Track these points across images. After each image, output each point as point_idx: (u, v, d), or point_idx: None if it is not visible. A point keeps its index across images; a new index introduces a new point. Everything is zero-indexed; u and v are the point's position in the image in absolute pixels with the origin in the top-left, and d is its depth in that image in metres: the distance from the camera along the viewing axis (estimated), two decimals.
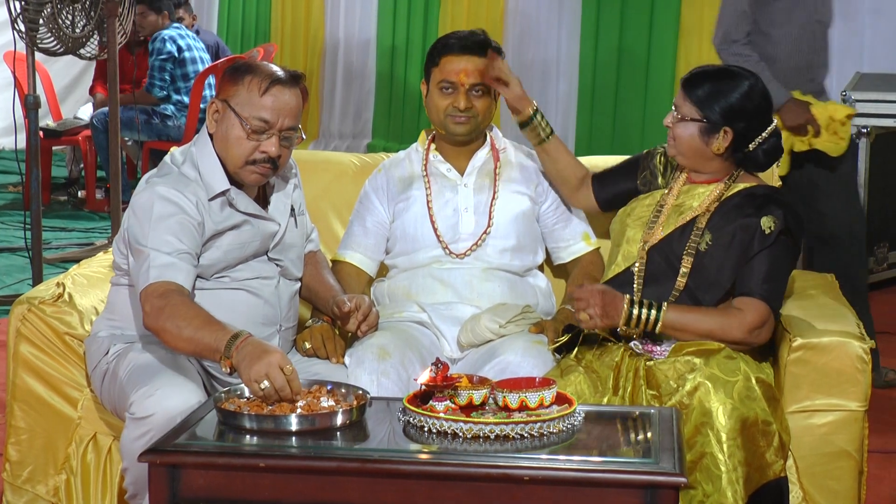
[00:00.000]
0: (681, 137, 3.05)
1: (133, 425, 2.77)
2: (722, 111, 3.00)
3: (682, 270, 3.01)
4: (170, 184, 2.93)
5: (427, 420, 2.48)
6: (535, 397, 2.51)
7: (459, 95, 3.29)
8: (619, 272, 3.10)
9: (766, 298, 2.94)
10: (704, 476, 2.72)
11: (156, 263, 2.82)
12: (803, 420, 2.90)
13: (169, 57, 7.54)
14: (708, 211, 3.04)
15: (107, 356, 3.00)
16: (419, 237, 3.36)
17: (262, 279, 3.06)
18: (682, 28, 7.71)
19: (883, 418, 4.15)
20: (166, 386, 2.78)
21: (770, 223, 2.96)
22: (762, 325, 2.93)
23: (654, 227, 3.09)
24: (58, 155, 8.94)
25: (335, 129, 9.95)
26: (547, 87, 8.52)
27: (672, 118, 3.07)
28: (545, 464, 2.35)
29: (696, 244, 3.00)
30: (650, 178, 3.21)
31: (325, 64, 10.01)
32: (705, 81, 3.03)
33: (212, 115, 3.01)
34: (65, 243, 6.96)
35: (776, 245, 2.96)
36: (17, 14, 4.88)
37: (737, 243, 2.97)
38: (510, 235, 3.35)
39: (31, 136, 5.21)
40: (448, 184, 3.39)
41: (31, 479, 3.11)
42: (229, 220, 2.99)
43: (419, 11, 9.25)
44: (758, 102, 3.03)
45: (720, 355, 2.85)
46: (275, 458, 2.40)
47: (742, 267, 2.96)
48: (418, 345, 3.17)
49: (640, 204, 3.17)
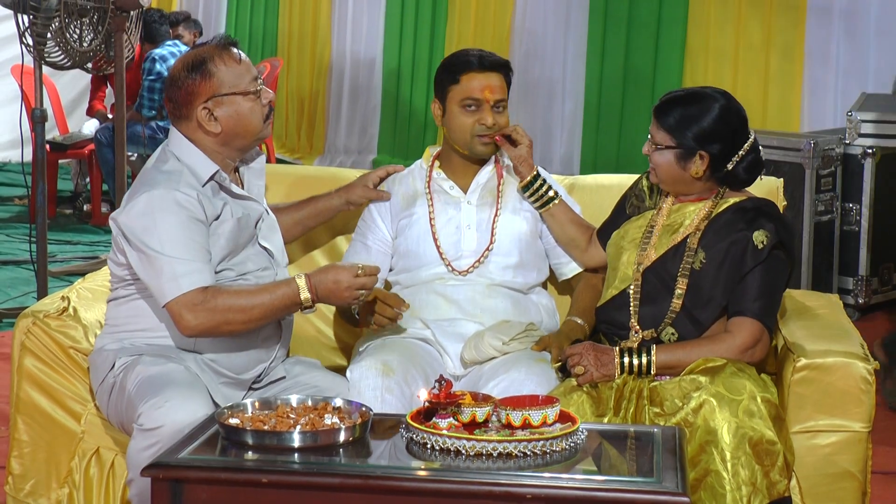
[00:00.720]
0: (659, 165, 3.06)
1: (141, 436, 2.78)
2: (694, 136, 3.00)
3: (678, 292, 3.01)
4: (161, 185, 2.94)
5: (430, 437, 2.48)
6: (539, 415, 2.51)
7: (485, 112, 3.30)
8: (616, 294, 3.10)
9: (758, 316, 2.95)
10: (709, 494, 2.72)
11: (179, 272, 2.87)
12: (807, 440, 2.90)
13: (158, 77, 7.56)
14: (699, 230, 3.04)
15: (113, 370, 2.99)
16: (421, 254, 3.36)
17: (261, 271, 3.07)
18: (687, 48, 7.71)
19: (886, 439, 4.14)
20: (176, 398, 2.78)
21: (762, 238, 2.96)
22: (755, 345, 2.95)
23: (646, 248, 3.09)
24: (63, 168, 8.96)
25: (341, 145, 9.96)
26: (552, 106, 8.53)
27: (649, 147, 3.07)
28: (548, 482, 2.35)
29: (690, 264, 3.01)
30: (637, 203, 3.22)
31: (332, 79, 10.03)
32: (676, 108, 3.02)
33: (208, 121, 3.02)
34: (70, 257, 6.97)
35: (769, 260, 2.97)
36: (25, 28, 4.89)
37: (730, 260, 2.98)
38: (513, 253, 3.35)
39: (38, 150, 5.22)
40: (451, 201, 3.39)
41: (33, 493, 3.11)
42: (224, 205, 3.02)
43: (425, 28, 9.26)
44: (730, 122, 3.02)
45: (726, 374, 2.85)
46: (277, 473, 2.40)
47: (736, 283, 2.97)
48: (422, 362, 3.17)
49: (633, 226, 3.18)
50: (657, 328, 3.01)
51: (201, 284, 2.87)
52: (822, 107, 7.12)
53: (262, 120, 3.07)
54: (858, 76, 6.96)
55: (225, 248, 3.00)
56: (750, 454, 2.73)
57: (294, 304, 2.94)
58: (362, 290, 2.96)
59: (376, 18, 9.65)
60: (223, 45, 3.05)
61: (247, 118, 3.03)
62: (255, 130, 3.06)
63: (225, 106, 3.02)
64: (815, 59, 7.15)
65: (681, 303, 3.00)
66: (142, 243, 2.90)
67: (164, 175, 2.97)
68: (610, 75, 8.09)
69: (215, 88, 3.01)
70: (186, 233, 2.90)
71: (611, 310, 3.09)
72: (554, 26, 8.50)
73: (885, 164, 5.73)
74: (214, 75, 3.01)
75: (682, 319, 3.00)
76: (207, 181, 3.00)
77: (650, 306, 3.04)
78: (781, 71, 7.26)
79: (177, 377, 2.88)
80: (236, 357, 3.03)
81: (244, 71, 3.04)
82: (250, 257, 3.06)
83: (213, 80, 3.01)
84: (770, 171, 5.31)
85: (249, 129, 3.05)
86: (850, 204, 5.75)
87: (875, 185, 5.71)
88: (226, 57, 3.03)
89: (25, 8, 4.86)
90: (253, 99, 3.03)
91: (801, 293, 3.58)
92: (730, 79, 7.46)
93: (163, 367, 2.92)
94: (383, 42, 9.61)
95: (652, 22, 7.85)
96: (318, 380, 3.14)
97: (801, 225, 5.63)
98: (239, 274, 3.03)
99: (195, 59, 3.03)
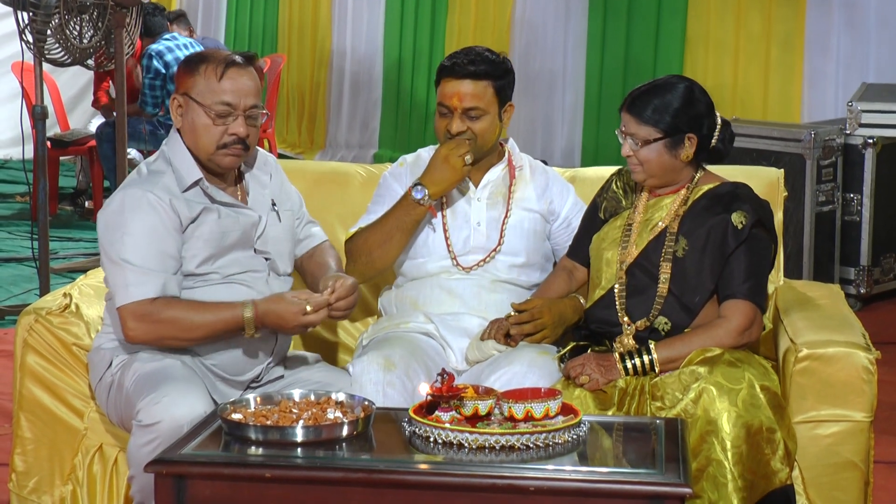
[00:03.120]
0: (649, 160, 3.05)
1: (140, 433, 2.78)
2: (679, 121, 3.02)
3: (663, 277, 3.02)
4: (138, 185, 2.97)
5: (433, 430, 2.48)
6: (541, 408, 2.51)
7: (453, 119, 3.28)
8: (604, 294, 3.11)
9: (749, 297, 2.97)
10: (710, 484, 2.73)
11: (131, 281, 2.89)
12: (809, 431, 2.90)
13: (157, 74, 7.57)
14: (677, 216, 3.06)
15: (111, 368, 3.00)
16: (429, 246, 3.35)
17: (252, 272, 3.07)
18: (688, 38, 7.70)
19: (888, 429, 4.14)
20: (173, 393, 2.79)
21: (741, 218, 2.99)
22: (750, 326, 2.97)
23: (627, 245, 3.10)
24: (65, 165, 8.96)
25: (342, 140, 9.96)
26: (553, 98, 8.52)
27: (629, 147, 3.07)
28: (551, 474, 2.35)
29: (673, 250, 3.02)
30: (614, 205, 3.22)
31: (332, 74, 10.03)
32: (647, 101, 3.04)
33: (176, 111, 3.05)
34: (72, 253, 6.97)
35: (750, 239, 2.99)
36: (25, 25, 4.89)
37: (712, 243, 3.00)
38: (520, 253, 3.35)
39: (39, 147, 5.22)
40: (461, 196, 3.38)
41: (36, 490, 3.12)
42: (205, 210, 3.01)
43: (426, 22, 9.25)
44: (701, 99, 3.07)
45: (724, 363, 2.85)
46: (280, 468, 2.40)
47: (721, 266, 2.99)
48: (423, 356, 3.17)
49: (612, 226, 3.19)
50: (649, 317, 3.02)
51: (150, 295, 2.89)
52: (822, 97, 7.11)
53: (215, 145, 3.00)
54: (859, 66, 6.95)
55: (204, 250, 3.00)
56: (750, 443, 2.74)
57: (238, 328, 2.94)
58: (309, 326, 3.00)
59: (377, 12, 9.64)
60: (227, 61, 3.02)
61: (199, 132, 3.00)
62: (204, 149, 3.01)
63: (188, 109, 3.02)
64: (815, 49, 7.13)
65: (667, 287, 3.01)
66: (108, 244, 2.94)
67: (146, 174, 3.01)
68: (610, 66, 8.09)
69: (189, 87, 3.02)
70: (150, 239, 2.92)
71: (600, 309, 3.10)
72: (554, 18, 8.49)
73: (886, 154, 5.73)
74: (195, 77, 3.01)
75: (673, 307, 3.01)
76: (190, 187, 3.00)
77: (638, 297, 3.05)
78: (782, 61, 7.25)
79: (174, 373, 2.89)
80: (232, 358, 3.03)
81: (222, 92, 2.98)
82: (238, 260, 3.06)
83: (191, 79, 3.02)
84: (771, 162, 5.34)
85: (200, 144, 3.01)
86: (850, 194, 5.75)
87: (876, 175, 5.71)
88: (217, 69, 3.00)
89: (25, 5, 4.86)
90: (212, 119, 2.99)
91: (802, 284, 3.58)
92: (730, 69, 7.46)
93: (160, 363, 2.93)
94: (384, 36, 9.60)
95: (652, 12, 7.84)
96: (320, 375, 3.15)
97: (803, 215, 5.64)
98: (224, 276, 3.03)
99: (200, 54, 3.07)
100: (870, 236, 5.74)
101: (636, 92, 3.08)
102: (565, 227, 3.42)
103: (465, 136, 3.27)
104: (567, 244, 3.38)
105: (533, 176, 3.44)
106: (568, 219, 3.42)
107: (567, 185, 3.49)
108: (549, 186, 3.44)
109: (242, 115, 3.01)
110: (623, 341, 3.03)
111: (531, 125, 8.63)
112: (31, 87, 5.49)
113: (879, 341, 3.25)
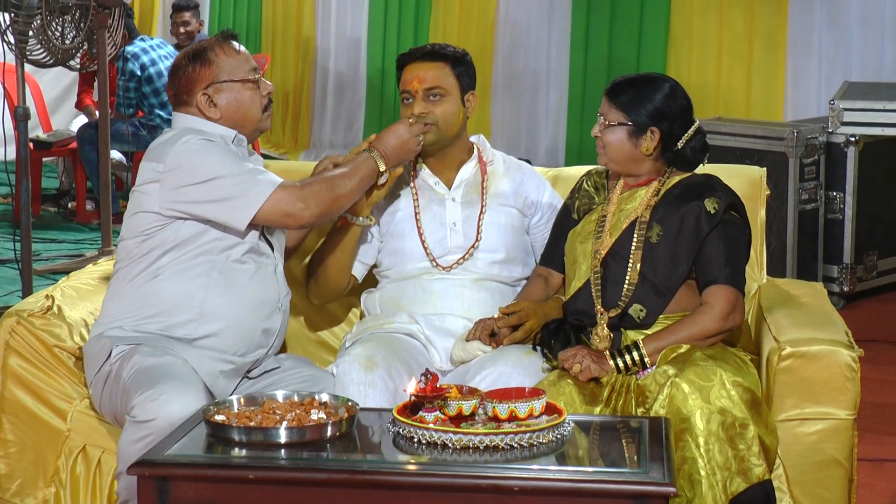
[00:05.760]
0: (611, 143, 3.12)
1: (133, 428, 2.77)
2: (647, 113, 3.09)
3: (631, 262, 3.05)
4: (195, 133, 3.05)
5: (416, 431, 2.48)
6: (525, 408, 2.51)
7: (415, 102, 3.29)
8: (581, 285, 3.13)
9: (729, 281, 3.01)
10: (686, 482, 2.74)
11: (261, 179, 3.00)
12: (792, 429, 2.91)
13: (131, 76, 7.55)
14: (649, 205, 3.10)
15: (109, 358, 2.97)
16: (407, 250, 3.35)
17: (261, 255, 3.09)
18: (671, 37, 7.72)
19: (871, 426, 4.16)
20: (170, 391, 2.77)
21: (714, 204, 3.04)
22: (734, 309, 3.00)
23: (601, 235, 3.13)
24: (48, 166, 8.93)
25: (326, 139, 9.95)
26: (537, 97, 8.53)
27: (599, 127, 3.13)
28: (535, 474, 2.35)
29: (646, 236, 3.05)
30: (587, 203, 3.25)
31: (316, 73, 10.02)
32: (628, 88, 3.12)
33: (207, 106, 3.11)
34: (55, 255, 6.94)
35: (725, 223, 3.04)
36: (6, 26, 4.88)
37: (686, 228, 3.04)
38: (499, 249, 3.35)
39: (21, 148, 5.20)
40: (436, 197, 3.38)
41: (20, 492, 3.10)
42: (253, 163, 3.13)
43: (409, 21, 9.25)
44: (680, 103, 3.13)
45: (695, 360, 2.86)
46: (264, 469, 2.40)
47: (695, 250, 3.02)
48: (406, 355, 3.17)
49: (587, 221, 3.22)
50: (618, 304, 3.03)
51: (280, 179, 3.01)
52: (805, 95, 7.14)
53: (261, 110, 3.16)
54: (841, 65, 6.98)
55: None
56: (723, 439, 2.76)
57: (374, 174, 3.17)
58: (420, 135, 3.22)
59: (360, 11, 9.63)
60: (223, 38, 3.17)
61: (245, 106, 3.13)
62: (254, 119, 3.15)
63: (224, 93, 3.11)
64: (797, 47, 7.16)
65: (637, 274, 3.03)
66: (209, 170, 2.97)
67: (195, 133, 3.06)
68: (594, 65, 8.10)
69: (214, 75, 3.11)
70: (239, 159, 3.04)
71: (577, 301, 3.12)
72: (538, 17, 8.50)
73: (868, 152, 5.75)
74: (214, 63, 3.11)
75: (646, 292, 3.03)
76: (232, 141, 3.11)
77: (613, 287, 3.07)
78: (764, 60, 7.28)
79: (173, 370, 2.87)
80: (239, 334, 3.03)
81: (242, 61, 3.14)
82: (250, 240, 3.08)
83: (212, 68, 3.11)
84: (753, 161, 5.36)
85: (248, 117, 3.14)
86: (833, 192, 5.77)
87: (858, 173, 5.73)
88: (226, 47, 3.14)
89: (7, 6, 4.86)
90: (252, 88, 3.13)
91: (785, 282, 3.59)
92: (713, 68, 7.48)
93: (160, 358, 2.91)
94: (367, 35, 9.60)
95: (635, 11, 7.86)
96: (307, 374, 3.15)
97: (786, 214, 5.65)
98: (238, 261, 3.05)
99: (197, 48, 3.15)
100: (852, 234, 5.76)
101: (621, 79, 3.17)
102: (545, 222, 3.42)
103: (426, 119, 3.27)
104: (546, 239, 3.38)
105: (507, 171, 3.44)
106: (547, 214, 3.42)
107: (543, 180, 3.48)
108: (524, 181, 3.44)
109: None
110: (598, 332, 3.04)
111: (515, 124, 8.64)
112: (13, 88, 5.47)
113: (862, 339, 3.26)
